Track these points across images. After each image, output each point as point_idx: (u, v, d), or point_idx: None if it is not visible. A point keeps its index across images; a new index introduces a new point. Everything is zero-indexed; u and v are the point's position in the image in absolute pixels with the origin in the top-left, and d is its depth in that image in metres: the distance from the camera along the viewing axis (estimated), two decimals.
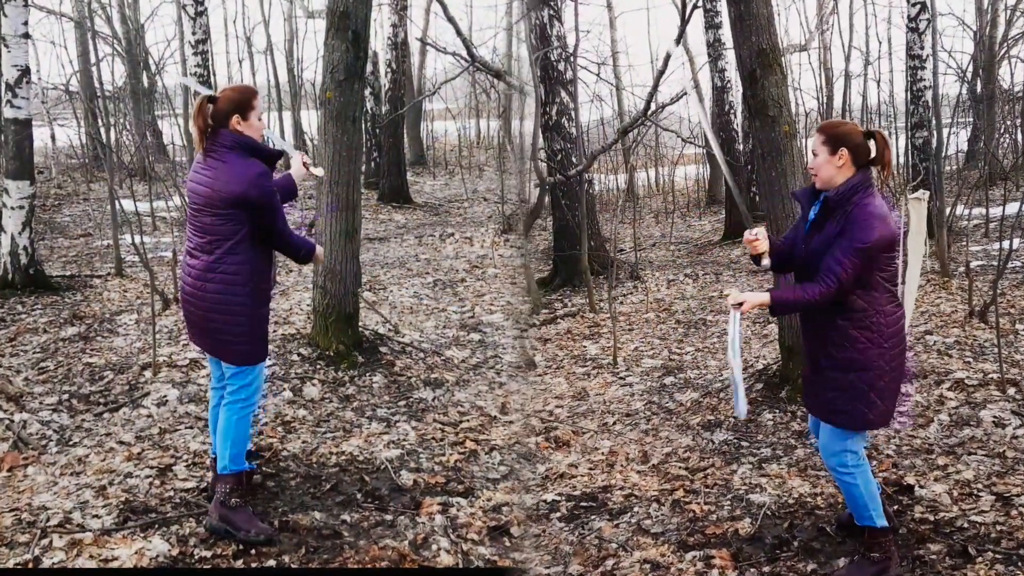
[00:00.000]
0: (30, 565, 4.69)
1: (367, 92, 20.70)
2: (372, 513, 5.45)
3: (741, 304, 4.45)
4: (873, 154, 4.45)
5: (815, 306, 4.35)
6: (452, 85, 20.41)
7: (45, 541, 4.90)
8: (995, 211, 14.37)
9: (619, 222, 18.68)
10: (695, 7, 10.69)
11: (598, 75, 21.74)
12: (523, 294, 11.99)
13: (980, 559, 4.63)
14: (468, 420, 7.25)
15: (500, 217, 18.07)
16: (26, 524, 5.12)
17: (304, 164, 5.68)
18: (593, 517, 5.66)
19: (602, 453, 6.77)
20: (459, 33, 11.45)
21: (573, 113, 13.84)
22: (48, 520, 5.14)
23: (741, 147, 18.14)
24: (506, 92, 19.83)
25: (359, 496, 5.69)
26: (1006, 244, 11.38)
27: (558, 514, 5.75)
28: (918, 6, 13.78)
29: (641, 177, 24.62)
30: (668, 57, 11.35)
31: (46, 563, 4.72)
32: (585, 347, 10.02)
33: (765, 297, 4.48)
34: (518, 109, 18.36)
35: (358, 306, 8.61)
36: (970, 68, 21.54)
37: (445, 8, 11.64)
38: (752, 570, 4.83)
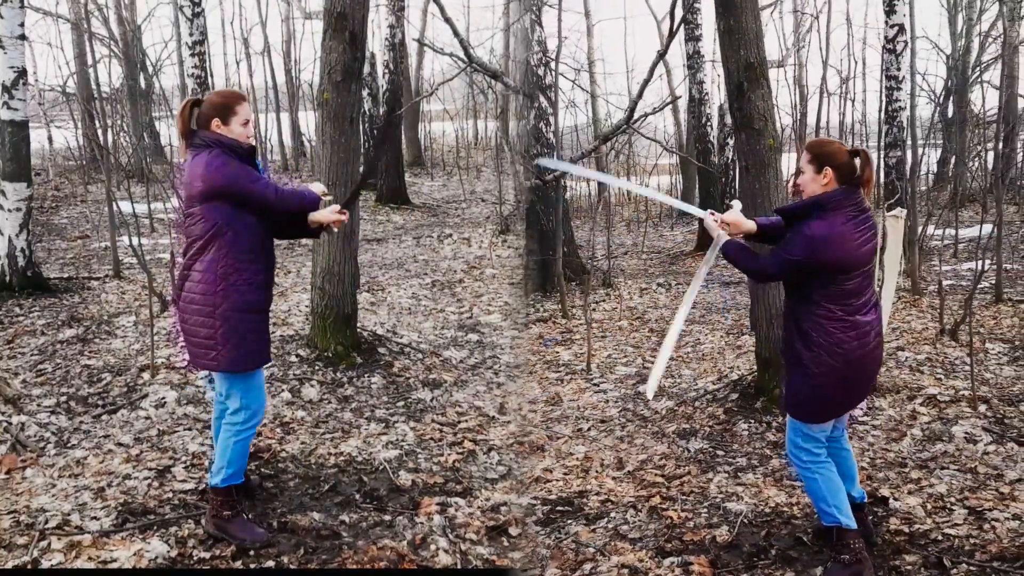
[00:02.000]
0: (29, 567, 4.68)
1: (364, 93, 20.71)
2: (371, 513, 5.45)
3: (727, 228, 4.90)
4: (857, 172, 4.56)
5: (744, 271, 4.89)
6: (449, 86, 20.49)
7: (44, 543, 4.90)
8: (963, 232, 14.87)
9: (590, 229, 18.85)
10: (683, 20, 10.71)
11: (574, 82, 21.79)
12: (521, 294, 11.99)
13: (955, 571, 4.68)
14: (466, 420, 7.25)
15: (498, 218, 18.09)
16: (24, 526, 5.12)
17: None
18: (570, 521, 5.60)
19: (577, 458, 6.70)
20: (456, 34, 11.46)
21: (551, 119, 13.89)
22: (47, 522, 5.14)
23: (716, 159, 18.18)
24: (503, 93, 19.90)
25: (358, 496, 5.69)
26: (979, 264, 11.76)
27: (534, 517, 5.68)
28: (896, 28, 13.92)
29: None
30: (654, 66, 11.36)
31: (45, 565, 4.71)
32: (558, 352, 9.92)
33: (723, 238, 4.87)
34: (515, 110, 18.43)
35: (356, 307, 8.61)
36: (942, 91, 21.81)
37: (442, 9, 11.65)
38: None
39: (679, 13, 10.59)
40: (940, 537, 5.08)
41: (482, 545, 5.12)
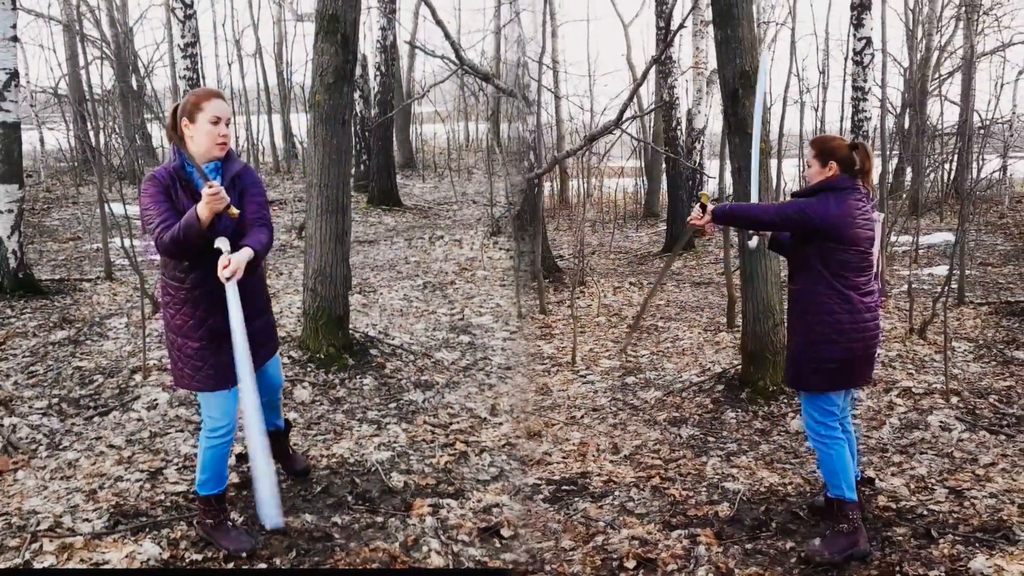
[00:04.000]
0: (21, 569, 4.68)
1: (356, 95, 20.71)
2: (363, 515, 5.45)
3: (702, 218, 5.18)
4: (857, 165, 5.00)
5: (747, 219, 5.15)
6: (441, 88, 20.51)
7: (35, 545, 4.90)
8: (922, 240, 15.85)
9: (554, 228, 19.26)
10: (681, 26, 10.85)
11: (539, 82, 21.98)
12: (513, 296, 12.00)
13: (942, 540, 5.08)
14: (458, 422, 7.26)
15: (489, 219, 18.09)
16: (16, 528, 5.11)
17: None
18: (576, 499, 5.88)
19: (573, 443, 6.98)
20: (448, 36, 11.48)
21: (529, 118, 13.99)
22: (38, 524, 5.13)
23: (684, 163, 18.33)
24: (495, 95, 19.95)
25: (350, 498, 5.69)
26: (937, 270, 13.88)
27: (541, 496, 5.93)
28: (863, 41, 14.09)
29: (573, 186, 25.01)
30: (647, 70, 11.46)
31: (37, 568, 4.71)
32: (540, 346, 10.11)
33: (710, 211, 5.15)
34: (507, 112, 18.46)
35: (348, 309, 8.62)
36: (899, 103, 22.34)
37: (434, 11, 11.66)
38: (735, 547, 5.15)
39: (675, 23, 10.69)
40: (925, 512, 5.49)
41: (474, 547, 5.13)
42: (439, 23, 11.58)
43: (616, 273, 15.26)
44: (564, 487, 6.07)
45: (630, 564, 4.94)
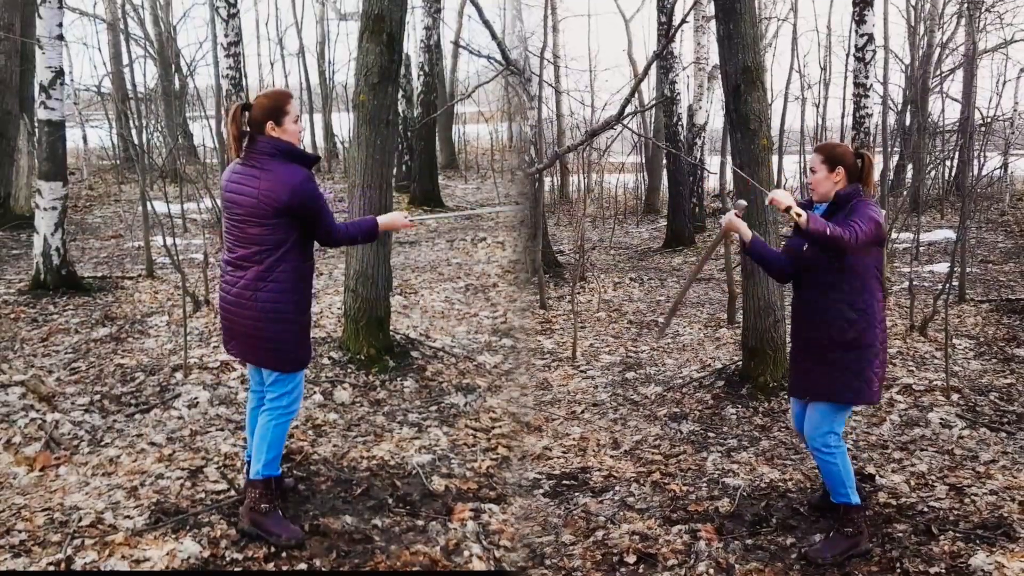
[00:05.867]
0: (62, 565, 4.67)
1: (399, 95, 20.73)
2: (404, 518, 5.41)
3: (788, 208, 4.79)
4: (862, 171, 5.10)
5: (831, 241, 4.67)
6: (484, 88, 20.49)
7: (77, 541, 4.89)
8: (923, 236, 15.94)
9: (555, 224, 19.52)
10: (683, 21, 10.85)
11: (540, 77, 21.96)
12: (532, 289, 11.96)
13: (943, 537, 5.15)
14: (500, 426, 7.21)
15: (533, 221, 18.03)
16: (58, 524, 5.12)
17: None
18: (576, 494, 5.96)
19: (573, 439, 7.07)
20: (494, 36, 11.43)
21: (530, 112, 14.08)
22: (80, 520, 5.14)
23: (686, 157, 18.30)
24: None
25: (390, 501, 5.66)
26: (938, 267, 14.07)
27: (541, 490, 6.00)
28: (866, 37, 14.03)
29: (573, 181, 25.05)
30: (648, 66, 11.43)
31: (78, 563, 4.71)
32: (540, 342, 10.17)
33: (804, 217, 4.71)
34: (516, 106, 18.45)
35: (389, 310, 8.58)
36: (900, 100, 22.83)
37: (480, 11, 11.61)
38: (736, 542, 5.21)
39: (676, 20, 10.69)
40: (926, 509, 5.57)
41: (516, 552, 5.08)
42: (485, 22, 11.53)
43: (616, 269, 15.33)
44: (564, 482, 6.16)
45: (630, 559, 5.02)
